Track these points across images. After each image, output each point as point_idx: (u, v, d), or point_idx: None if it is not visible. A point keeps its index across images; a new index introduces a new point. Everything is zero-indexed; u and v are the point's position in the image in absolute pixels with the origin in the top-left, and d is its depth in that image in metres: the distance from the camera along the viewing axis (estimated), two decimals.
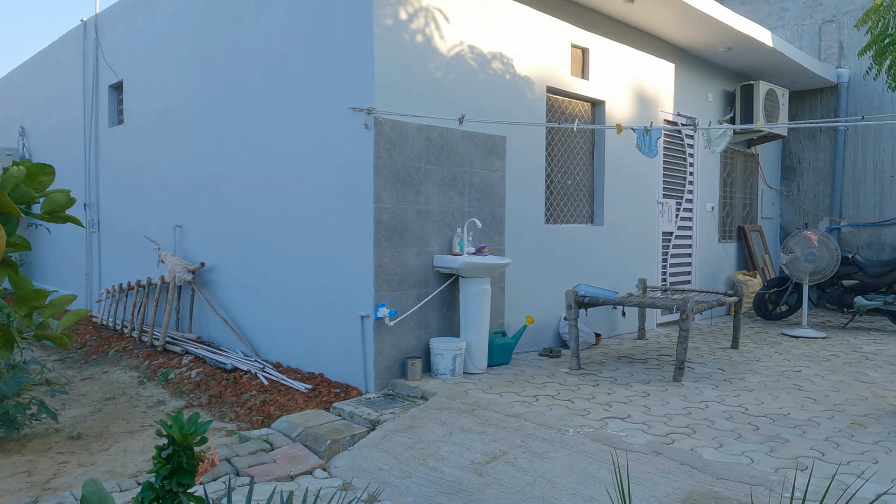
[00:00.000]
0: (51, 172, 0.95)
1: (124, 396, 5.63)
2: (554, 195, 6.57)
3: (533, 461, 3.56)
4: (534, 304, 6.16)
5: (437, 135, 5.27)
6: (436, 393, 4.71)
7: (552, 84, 6.30)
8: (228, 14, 6.42)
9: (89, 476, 3.99)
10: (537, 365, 5.67)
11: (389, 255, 4.99)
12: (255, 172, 6.11)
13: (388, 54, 4.91)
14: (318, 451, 4.08)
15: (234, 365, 5.80)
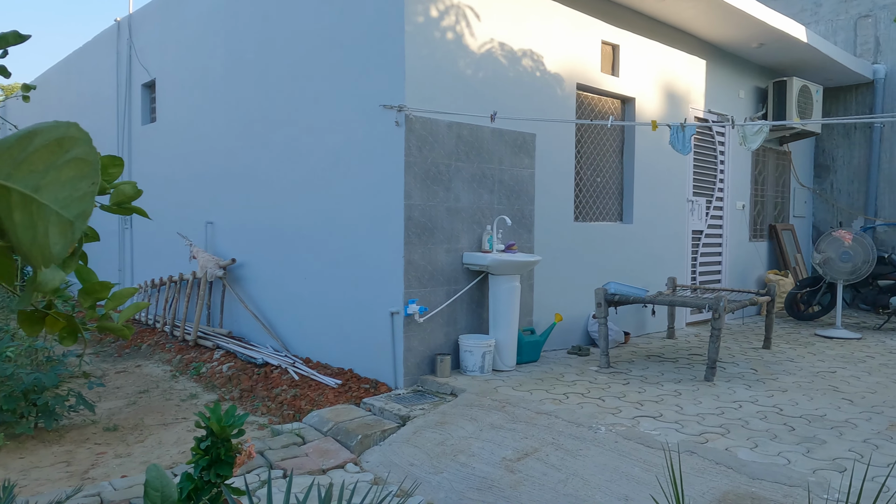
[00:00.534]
0: (120, 164, 0.97)
1: (158, 389, 5.73)
2: (583, 193, 6.54)
3: (565, 459, 3.55)
4: (562, 301, 6.14)
5: (468, 132, 5.27)
6: (465, 389, 4.72)
7: (582, 81, 6.26)
8: (259, 12, 6.49)
9: (126, 466, 4.08)
10: (566, 363, 5.65)
11: (419, 252, 5.01)
12: (285, 169, 6.18)
13: (418, 52, 4.93)
14: (350, 446, 4.11)
15: (264, 360, 5.86)
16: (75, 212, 0.51)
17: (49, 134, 0.49)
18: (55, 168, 0.49)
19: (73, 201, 0.50)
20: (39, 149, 0.49)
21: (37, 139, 0.49)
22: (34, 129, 0.49)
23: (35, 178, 0.49)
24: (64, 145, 0.50)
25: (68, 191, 0.50)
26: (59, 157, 0.50)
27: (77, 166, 0.50)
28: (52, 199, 0.49)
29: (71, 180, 0.50)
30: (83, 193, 0.51)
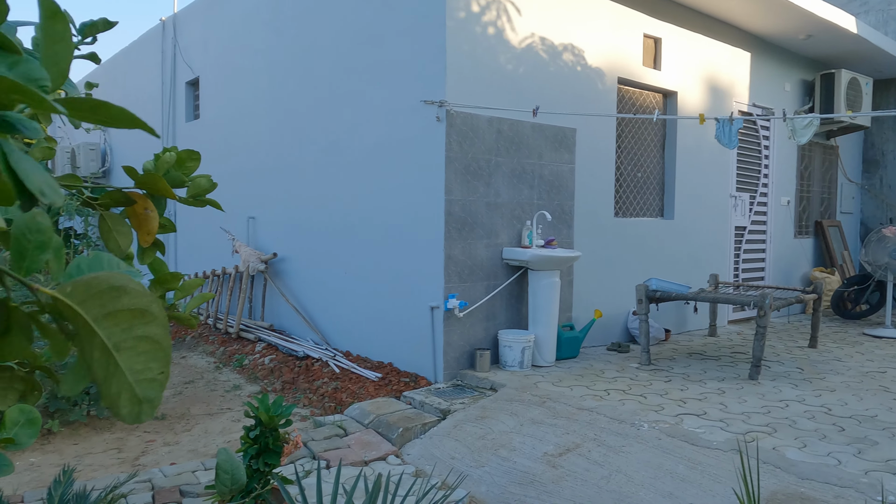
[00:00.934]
0: (197, 158, 1.00)
1: (202, 380, 5.86)
2: (623, 188, 6.47)
3: (607, 455, 3.53)
4: (602, 298, 6.09)
5: (508, 127, 5.26)
6: (505, 384, 4.72)
7: (623, 75, 6.19)
8: (301, 10, 6.57)
9: (174, 454, 4.19)
10: (606, 360, 5.61)
11: (459, 247, 5.03)
12: (326, 165, 6.25)
13: (459, 47, 4.93)
14: (391, 439, 4.15)
15: (305, 353, 5.95)
16: (145, 393, 0.55)
17: (136, 299, 0.54)
18: (134, 337, 0.54)
19: (145, 381, 0.55)
20: (125, 310, 0.54)
21: (125, 298, 0.53)
22: (124, 286, 0.53)
23: (116, 336, 0.54)
24: (145, 317, 0.55)
25: (142, 366, 0.55)
26: (139, 328, 0.54)
27: (151, 346, 0.55)
28: (128, 367, 0.54)
29: (145, 357, 0.55)
30: (153, 378, 0.55)
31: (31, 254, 0.56)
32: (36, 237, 0.56)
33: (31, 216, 0.55)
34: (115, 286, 0.53)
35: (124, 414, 0.54)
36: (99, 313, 0.53)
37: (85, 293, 0.52)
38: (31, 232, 0.55)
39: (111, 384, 0.53)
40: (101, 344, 0.53)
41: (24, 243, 0.56)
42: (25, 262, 0.56)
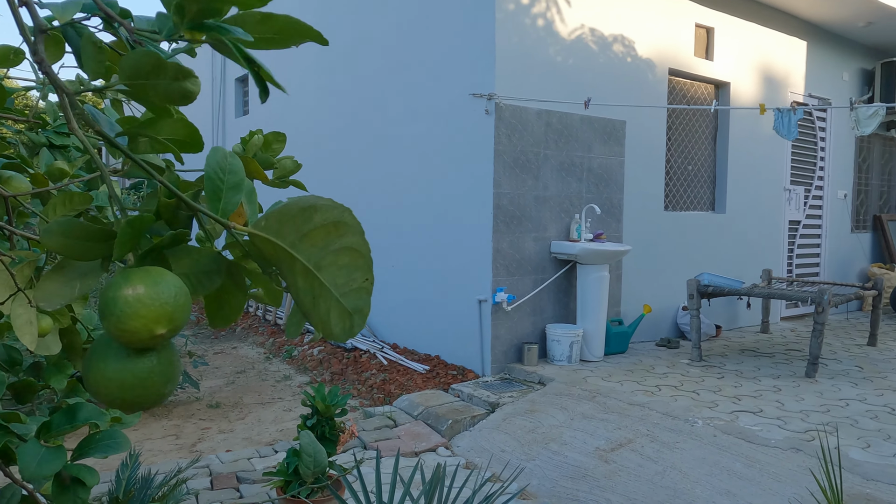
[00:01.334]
0: (283, 140, 1.02)
1: (253, 370, 5.99)
2: (673, 181, 6.36)
3: (661, 451, 3.49)
4: (651, 292, 6.00)
5: (557, 119, 5.22)
6: (553, 379, 4.70)
7: (674, 66, 6.07)
8: (350, 5, 6.62)
9: (230, 442, 4.29)
10: (655, 355, 5.53)
11: (507, 241, 5.01)
12: (374, 159, 6.30)
13: (509, 39, 4.91)
14: (440, 430, 4.17)
15: (353, 345, 6.02)
16: (353, 304, 0.54)
17: (327, 214, 0.53)
18: (332, 251, 0.53)
19: (350, 292, 0.54)
20: (319, 227, 0.53)
21: (316, 216, 0.53)
22: (314, 205, 0.53)
23: (316, 255, 0.53)
24: (339, 229, 0.54)
25: (345, 278, 0.54)
26: (335, 241, 0.53)
27: (351, 255, 0.54)
28: (331, 282, 0.53)
29: (346, 268, 0.54)
30: (359, 287, 0.54)
31: (225, 194, 0.55)
32: (230, 178, 0.55)
33: (221, 155, 0.56)
34: (305, 207, 0.53)
35: (337, 332, 0.53)
36: (295, 238, 0.52)
37: (278, 222, 0.52)
38: (224, 172, 0.55)
39: (319, 306, 0.53)
40: (302, 268, 0.52)
41: (218, 184, 0.55)
42: (221, 204, 0.55)
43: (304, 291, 0.53)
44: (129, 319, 0.50)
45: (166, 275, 0.53)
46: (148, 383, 0.54)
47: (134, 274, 0.52)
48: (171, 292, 0.52)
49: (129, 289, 0.51)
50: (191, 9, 0.50)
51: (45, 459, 0.63)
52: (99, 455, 0.67)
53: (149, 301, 0.50)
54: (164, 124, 0.57)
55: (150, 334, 0.51)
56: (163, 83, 0.53)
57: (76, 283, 0.59)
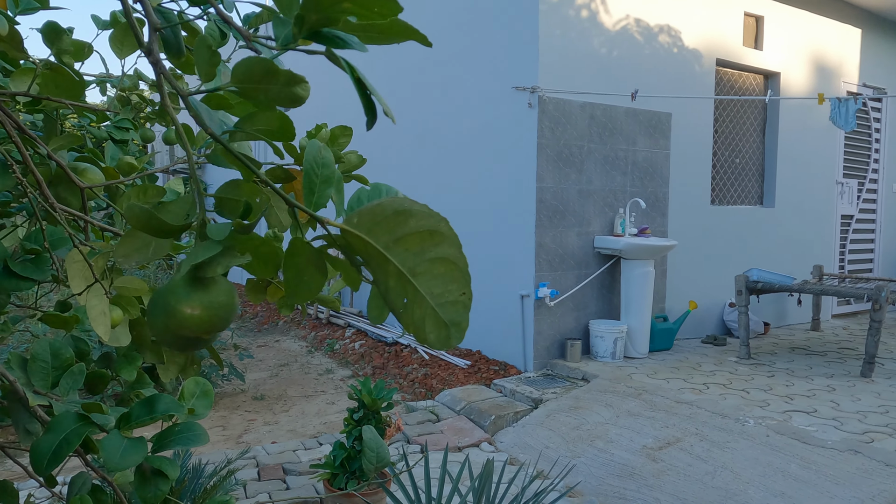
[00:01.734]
0: (349, 134, 1.01)
1: (296, 363, 6.06)
2: (720, 175, 6.20)
3: (711, 450, 3.41)
4: (696, 288, 5.87)
5: (601, 112, 5.13)
6: (597, 375, 4.63)
7: (722, 56, 5.92)
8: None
9: (275, 433, 4.35)
10: (701, 352, 5.41)
11: (550, 235, 4.96)
12: (416, 153, 6.29)
13: (552, 32, 4.84)
14: (483, 426, 4.16)
15: (394, 339, 6.05)
16: (450, 317, 0.53)
17: (422, 221, 0.52)
18: (428, 259, 0.52)
19: (447, 303, 0.53)
20: (413, 233, 0.52)
21: (411, 221, 0.52)
22: (409, 209, 0.52)
23: (410, 260, 0.52)
24: (435, 238, 0.53)
25: (441, 289, 0.53)
26: (430, 249, 0.52)
27: (447, 266, 0.53)
28: (427, 290, 0.52)
29: (442, 278, 0.53)
30: (455, 300, 0.53)
31: (318, 188, 0.56)
32: (323, 171, 0.56)
33: (317, 148, 0.56)
34: (400, 210, 0.52)
35: (432, 340, 0.53)
36: (388, 240, 0.51)
37: (371, 221, 0.51)
38: (319, 166, 0.55)
39: (413, 310, 0.52)
40: (395, 270, 0.52)
41: (313, 178, 0.55)
42: (315, 197, 0.56)
43: (396, 292, 0.52)
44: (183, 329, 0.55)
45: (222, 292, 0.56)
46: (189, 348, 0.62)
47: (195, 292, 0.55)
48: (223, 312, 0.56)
49: (188, 308, 0.54)
50: (310, 19, 0.50)
51: (128, 451, 0.63)
52: (180, 447, 0.67)
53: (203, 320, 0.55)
54: (260, 116, 0.57)
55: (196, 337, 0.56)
56: (274, 88, 0.55)
57: (150, 246, 0.61)
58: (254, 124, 0.58)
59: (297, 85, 0.55)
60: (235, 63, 0.54)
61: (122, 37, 0.79)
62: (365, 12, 0.50)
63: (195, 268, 0.54)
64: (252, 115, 0.57)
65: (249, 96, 0.55)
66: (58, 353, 0.74)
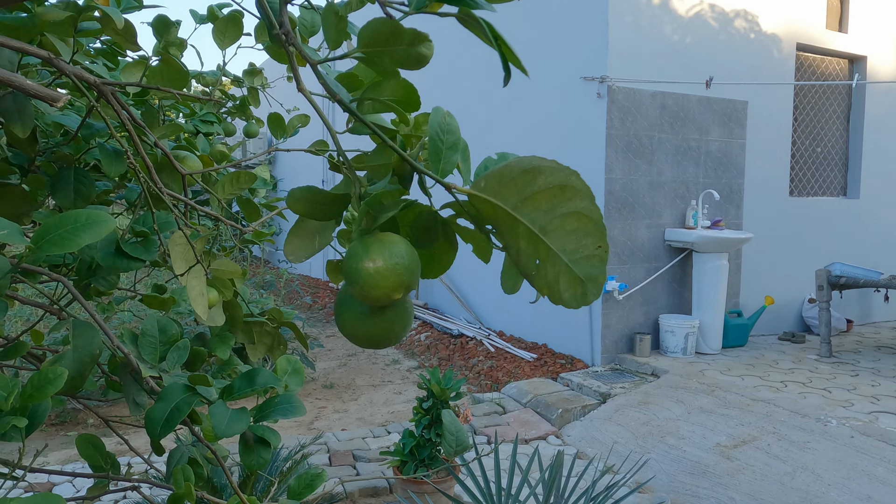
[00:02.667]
0: None
1: (364, 354, 6.17)
2: (800, 165, 5.94)
3: (790, 450, 3.28)
4: (773, 283, 5.65)
5: (672, 101, 5.00)
6: (668, 371, 4.53)
7: (803, 41, 5.65)
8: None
9: (344, 421, 4.45)
10: (778, 349, 5.21)
11: (619, 228, 4.87)
12: (481, 146, 6.29)
13: (622, 20, 4.74)
14: (550, 419, 4.13)
15: (459, 331, 6.08)
16: (585, 272, 0.51)
17: (552, 176, 0.51)
18: (559, 216, 0.51)
19: (581, 258, 0.51)
20: (543, 189, 0.51)
21: (540, 179, 0.51)
22: (537, 167, 0.51)
23: (540, 218, 0.51)
24: (566, 193, 0.51)
25: (574, 244, 0.51)
26: (562, 205, 0.51)
27: (580, 220, 0.51)
28: (559, 247, 0.51)
29: (575, 233, 0.51)
30: (590, 254, 0.51)
31: (444, 155, 0.56)
32: (448, 138, 0.56)
33: (441, 116, 0.57)
34: (528, 169, 0.51)
35: (567, 298, 0.51)
36: (517, 200, 0.51)
37: (498, 184, 0.51)
38: (445, 133, 0.56)
39: (546, 270, 0.51)
40: (525, 231, 0.51)
41: (438, 145, 0.56)
42: (441, 164, 0.56)
43: (528, 255, 0.52)
44: (371, 289, 0.56)
45: (399, 244, 0.57)
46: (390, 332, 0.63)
47: (372, 246, 0.56)
48: (405, 261, 0.57)
49: (369, 262, 0.56)
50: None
51: (233, 419, 0.66)
52: (279, 417, 0.70)
53: (387, 272, 0.56)
54: (386, 85, 0.59)
55: (390, 299, 0.58)
56: (399, 49, 0.55)
57: (315, 238, 0.64)
58: (381, 93, 0.59)
59: (421, 44, 0.55)
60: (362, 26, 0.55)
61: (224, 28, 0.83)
62: None
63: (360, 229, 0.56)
64: (378, 83, 0.58)
65: (375, 62, 0.55)
66: (165, 329, 0.79)
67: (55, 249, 0.53)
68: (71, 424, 4.30)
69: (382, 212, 0.57)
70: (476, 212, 0.53)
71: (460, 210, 0.56)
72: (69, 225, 0.55)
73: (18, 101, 0.68)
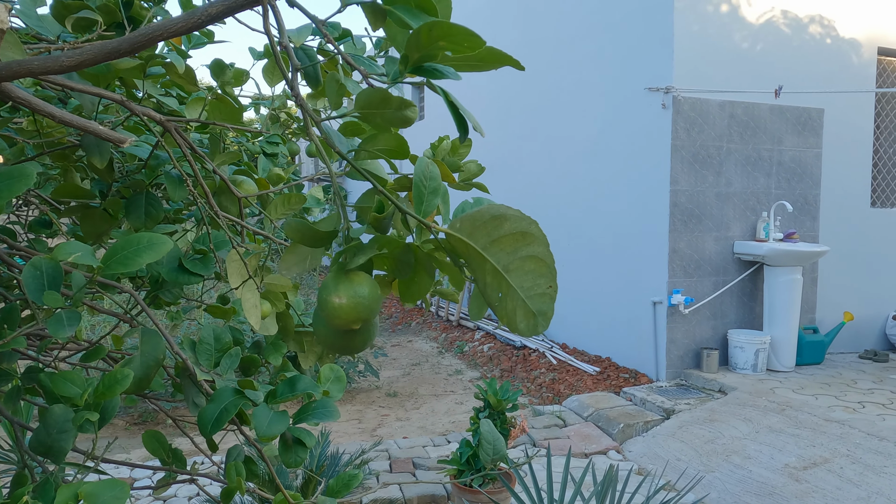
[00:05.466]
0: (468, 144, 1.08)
1: (427, 363, 6.27)
2: (882, 174, 5.65)
3: (864, 474, 3.13)
4: (853, 299, 5.39)
5: (742, 111, 4.87)
6: (736, 388, 4.40)
7: (885, 45, 5.40)
8: (520, 4, 6.68)
9: (406, 429, 4.54)
10: (858, 368, 4.96)
11: (685, 240, 4.78)
12: (545, 158, 6.30)
13: (688, 29, 4.67)
14: (611, 434, 4.09)
15: (522, 343, 6.08)
16: (537, 307, 0.60)
17: (515, 224, 0.60)
18: (519, 258, 0.60)
19: (535, 296, 0.60)
20: (507, 235, 0.60)
21: (506, 225, 0.60)
22: (503, 214, 0.61)
23: (504, 259, 0.60)
24: (526, 238, 0.60)
25: (530, 283, 0.60)
26: (522, 248, 0.60)
27: (536, 263, 0.60)
28: (518, 284, 0.60)
29: (532, 274, 0.60)
30: (542, 293, 0.60)
31: (426, 198, 0.65)
32: (430, 183, 0.65)
33: (425, 164, 0.65)
34: (496, 216, 0.60)
35: (521, 328, 0.60)
36: (486, 241, 0.60)
37: (471, 226, 0.60)
38: (427, 179, 0.65)
39: (506, 303, 0.60)
40: (491, 268, 0.60)
41: (421, 189, 0.65)
42: (423, 206, 0.65)
43: (492, 287, 0.60)
44: (334, 319, 0.69)
45: (363, 284, 0.68)
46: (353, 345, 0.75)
47: (341, 284, 0.68)
48: (366, 301, 0.68)
49: (335, 297, 0.68)
50: (413, 57, 0.60)
51: (274, 421, 0.74)
52: (315, 421, 0.77)
53: (349, 308, 0.68)
54: (381, 138, 0.67)
55: (349, 327, 0.70)
56: (389, 112, 0.66)
57: (307, 258, 0.73)
58: (375, 145, 0.67)
59: (407, 109, 0.64)
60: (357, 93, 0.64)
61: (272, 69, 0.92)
62: (457, 48, 0.58)
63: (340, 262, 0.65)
64: (373, 136, 0.67)
65: (369, 120, 0.65)
66: (219, 338, 0.88)
67: (121, 268, 0.63)
68: (152, 423, 4.57)
69: (358, 255, 0.66)
70: (452, 248, 0.62)
71: (438, 245, 0.63)
72: (133, 247, 0.64)
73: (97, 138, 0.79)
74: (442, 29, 0.57)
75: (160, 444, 0.94)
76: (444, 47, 0.60)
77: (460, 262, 0.63)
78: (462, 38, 0.59)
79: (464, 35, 0.58)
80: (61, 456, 0.74)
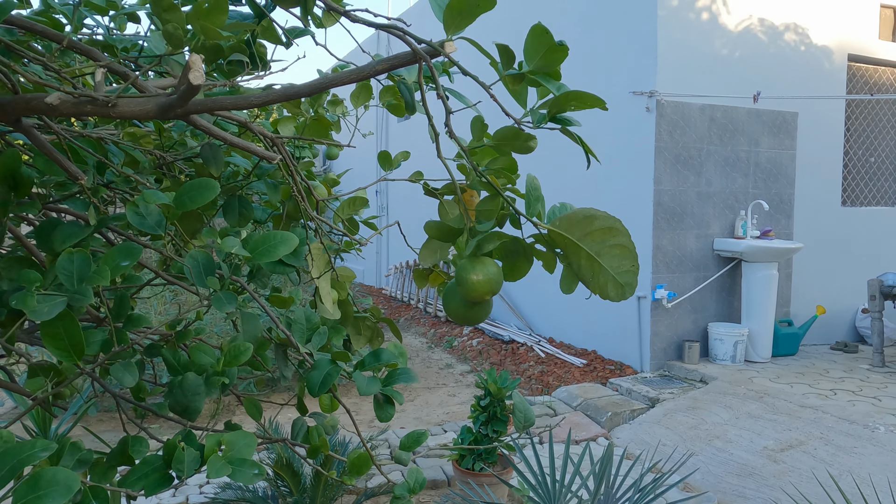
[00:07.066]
0: None
1: (418, 358, 6.43)
2: (853, 175, 5.94)
3: (836, 454, 3.38)
4: (825, 293, 5.67)
5: (721, 114, 5.11)
6: (716, 377, 4.64)
7: (854, 51, 5.68)
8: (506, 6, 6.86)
9: (402, 420, 4.70)
10: (829, 359, 5.24)
11: (668, 238, 5.00)
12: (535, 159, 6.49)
13: (671, 35, 4.89)
14: (600, 422, 4.30)
15: (510, 337, 6.28)
16: (625, 280, 0.81)
17: (603, 221, 0.80)
18: (608, 246, 0.80)
19: (622, 272, 0.81)
20: (597, 230, 0.81)
21: (596, 222, 0.81)
22: (594, 214, 0.81)
23: (596, 247, 0.80)
24: (612, 232, 0.80)
25: (617, 263, 0.81)
26: (609, 239, 0.80)
27: (621, 250, 0.81)
28: (608, 265, 0.80)
29: (618, 257, 0.81)
30: (627, 270, 0.81)
31: (532, 203, 0.85)
32: (535, 193, 0.84)
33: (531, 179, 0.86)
34: (588, 216, 0.81)
35: (612, 295, 0.80)
36: (580, 234, 0.80)
37: (568, 224, 0.81)
38: (533, 190, 0.84)
39: (598, 278, 0.81)
40: (586, 254, 0.80)
41: (530, 196, 0.84)
42: (530, 209, 0.85)
43: (586, 269, 0.81)
44: (472, 292, 0.88)
45: (492, 265, 0.88)
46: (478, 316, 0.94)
47: (477, 265, 0.87)
48: (495, 277, 0.88)
49: (474, 275, 0.87)
50: (552, 111, 0.83)
51: (370, 383, 0.91)
52: (402, 383, 0.93)
53: (484, 283, 0.87)
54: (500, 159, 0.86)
55: (482, 299, 0.89)
56: (517, 143, 0.86)
57: (438, 251, 0.91)
58: (496, 164, 0.85)
59: (530, 140, 0.83)
60: (496, 130, 0.87)
61: (359, 92, 1.08)
62: (583, 106, 0.77)
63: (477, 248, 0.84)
64: (496, 159, 0.85)
65: (500, 149, 0.83)
66: (309, 319, 1.04)
67: (264, 258, 0.79)
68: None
69: (486, 244, 0.85)
70: (551, 240, 0.81)
71: (539, 238, 0.82)
72: (271, 242, 0.80)
73: (213, 150, 0.94)
74: (575, 95, 0.81)
75: (257, 410, 1.10)
76: (573, 106, 0.82)
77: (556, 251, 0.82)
78: (588, 100, 0.82)
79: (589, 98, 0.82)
80: (195, 414, 0.90)
